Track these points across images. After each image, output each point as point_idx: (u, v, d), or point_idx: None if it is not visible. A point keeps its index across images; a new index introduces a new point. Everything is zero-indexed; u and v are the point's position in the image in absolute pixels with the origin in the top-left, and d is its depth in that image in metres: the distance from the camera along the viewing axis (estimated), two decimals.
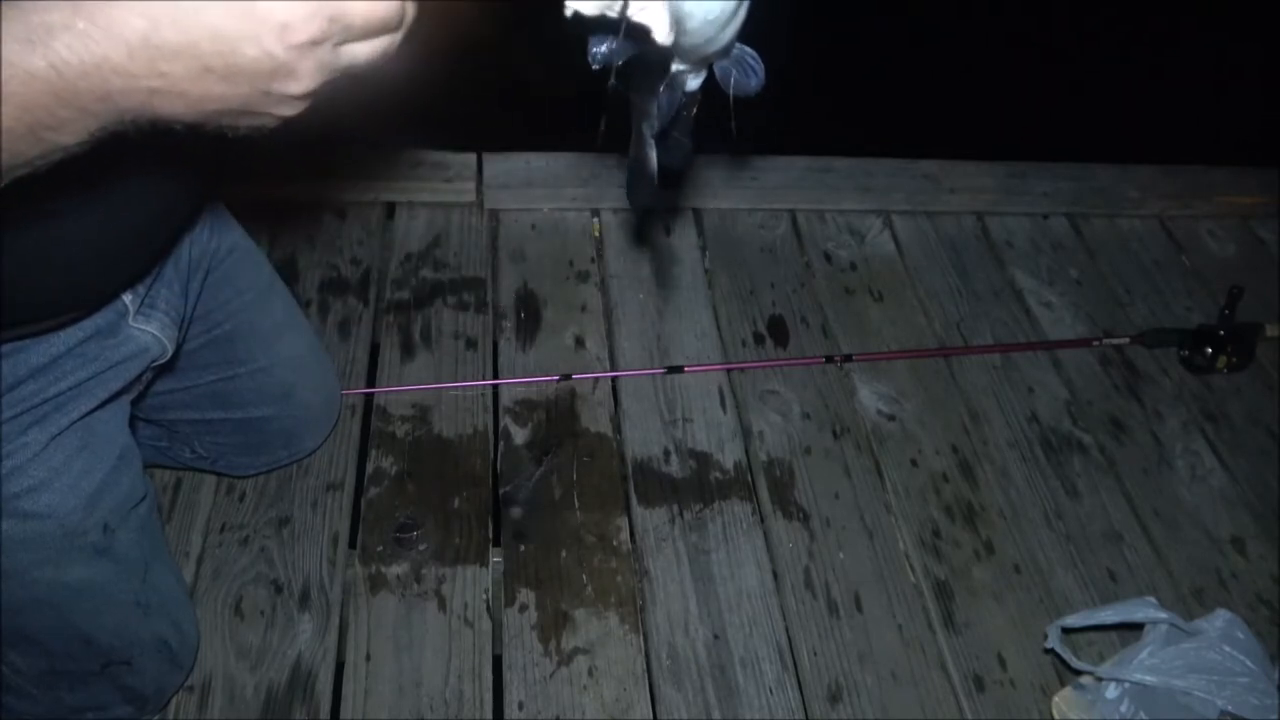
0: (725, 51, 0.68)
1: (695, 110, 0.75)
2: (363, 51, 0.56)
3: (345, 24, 0.53)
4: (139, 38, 0.50)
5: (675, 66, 0.68)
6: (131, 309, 0.95)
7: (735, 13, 0.64)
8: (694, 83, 0.72)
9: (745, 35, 0.68)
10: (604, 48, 0.60)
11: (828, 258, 1.81)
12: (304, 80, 0.54)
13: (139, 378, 1.00)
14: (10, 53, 0.49)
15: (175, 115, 0.54)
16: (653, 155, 0.77)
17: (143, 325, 0.97)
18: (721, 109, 0.71)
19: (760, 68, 0.70)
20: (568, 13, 0.58)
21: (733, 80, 0.70)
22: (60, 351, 0.90)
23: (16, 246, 0.76)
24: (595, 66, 0.61)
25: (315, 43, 0.53)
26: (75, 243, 0.81)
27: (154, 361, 1.00)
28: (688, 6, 0.59)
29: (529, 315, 1.62)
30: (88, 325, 0.91)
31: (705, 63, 0.70)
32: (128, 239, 0.88)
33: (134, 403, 1.03)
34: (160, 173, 0.60)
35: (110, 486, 0.95)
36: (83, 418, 0.93)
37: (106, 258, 0.87)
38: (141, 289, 0.96)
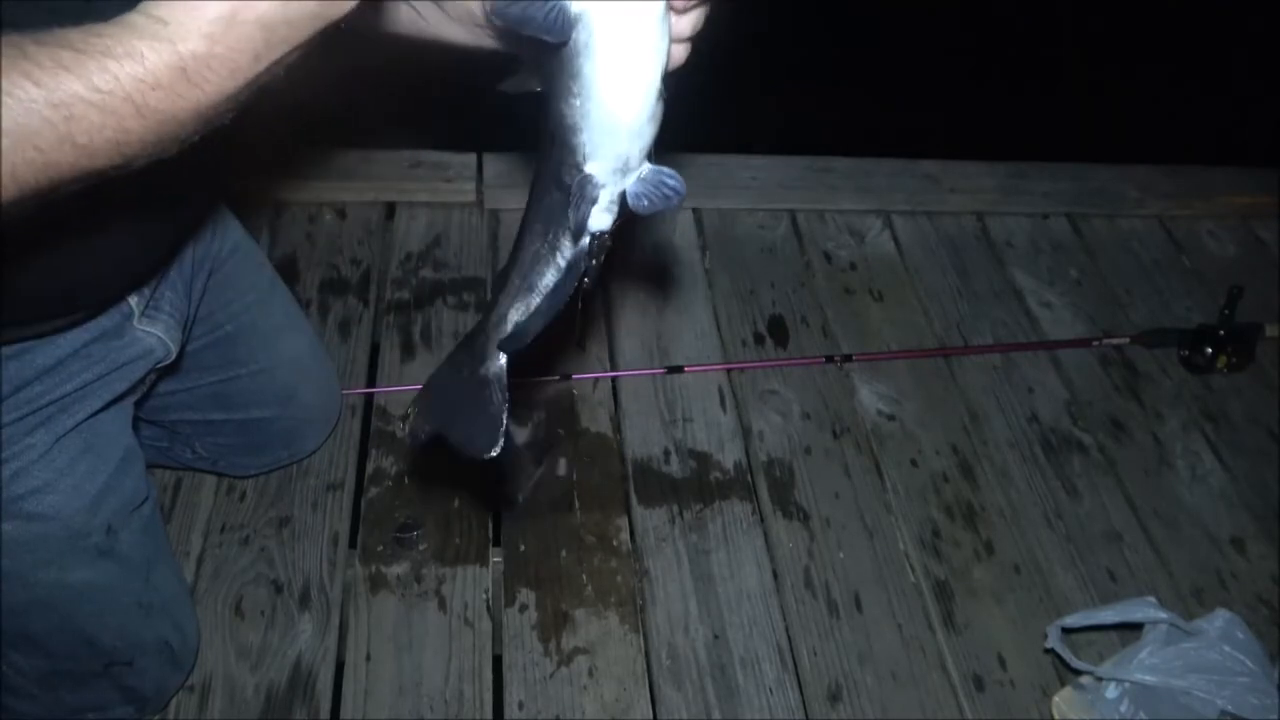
0: (639, 145, 0.64)
1: (602, 259, 0.69)
2: None
3: None
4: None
5: (588, 167, 0.63)
6: (137, 311, 0.95)
7: (658, 95, 0.61)
8: (605, 217, 0.66)
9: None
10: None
11: (828, 258, 1.81)
12: None
13: (143, 379, 1.00)
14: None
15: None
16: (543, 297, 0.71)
17: (148, 327, 0.97)
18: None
19: (679, 184, 0.65)
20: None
21: (648, 204, 0.65)
22: (66, 353, 0.90)
23: (25, 249, 0.76)
24: (497, 20, 0.58)
25: None
26: (83, 246, 0.81)
27: (158, 363, 1.00)
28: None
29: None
30: (93, 327, 0.91)
31: (619, 168, 0.64)
32: (135, 242, 0.88)
33: (136, 404, 1.04)
34: (167, 178, 0.61)
35: (114, 488, 0.96)
36: (87, 419, 0.93)
37: (113, 260, 0.87)
38: (147, 291, 0.96)
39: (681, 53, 0.66)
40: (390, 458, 1.39)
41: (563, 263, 0.69)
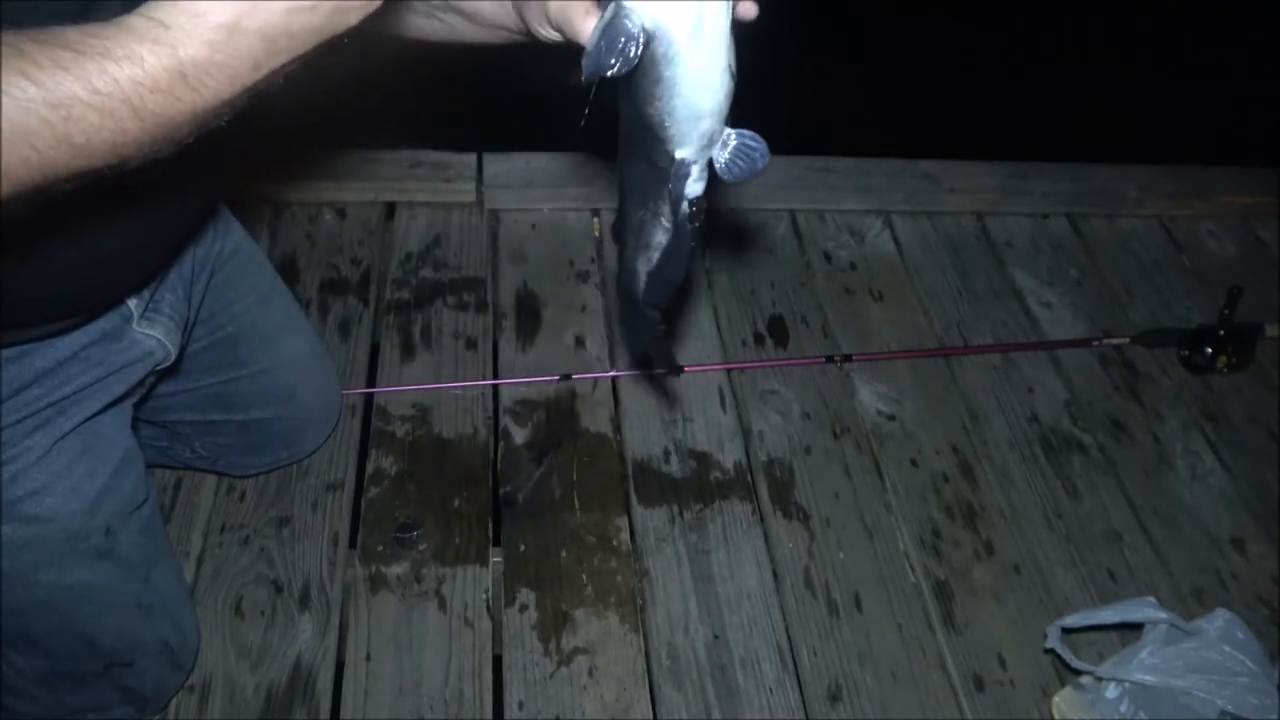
0: (720, 120, 0.68)
1: (700, 222, 0.75)
2: None
3: None
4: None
5: (679, 153, 0.68)
6: (136, 313, 0.95)
7: (728, 67, 0.65)
8: (697, 185, 0.72)
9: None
10: (598, 58, 0.62)
11: (828, 258, 1.81)
12: None
13: (142, 382, 1.00)
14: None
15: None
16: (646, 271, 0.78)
17: (147, 330, 0.97)
18: None
19: (762, 145, 0.70)
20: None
21: (739, 170, 0.70)
22: (65, 356, 0.90)
23: (25, 251, 0.76)
24: (585, 76, 0.63)
25: None
26: (82, 248, 0.81)
27: (158, 365, 1.00)
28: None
29: (529, 315, 1.62)
30: (93, 330, 0.91)
31: (705, 144, 0.69)
32: (134, 245, 0.88)
33: (136, 405, 1.04)
34: (167, 180, 0.61)
35: (113, 490, 0.96)
36: (86, 421, 0.93)
37: (113, 263, 0.87)
38: (146, 293, 0.96)
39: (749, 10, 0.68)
40: (390, 458, 1.39)
41: (669, 225, 0.75)
